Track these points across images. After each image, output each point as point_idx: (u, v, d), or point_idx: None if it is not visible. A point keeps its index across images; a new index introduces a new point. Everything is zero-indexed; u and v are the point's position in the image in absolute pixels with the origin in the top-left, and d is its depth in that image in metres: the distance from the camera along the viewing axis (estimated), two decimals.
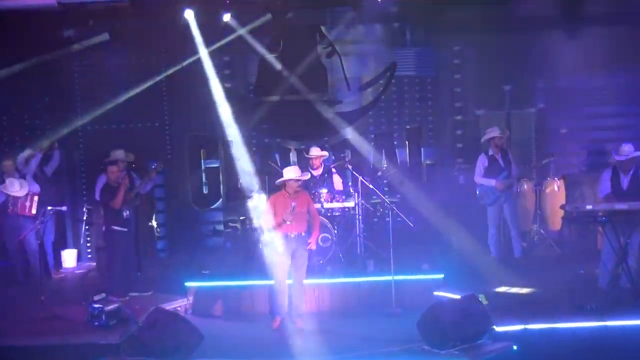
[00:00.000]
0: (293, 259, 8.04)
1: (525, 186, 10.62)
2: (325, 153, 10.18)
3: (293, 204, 7.88)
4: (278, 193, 8.09)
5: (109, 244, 9.13)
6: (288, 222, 7.83)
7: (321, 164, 9.99)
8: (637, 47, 10.52)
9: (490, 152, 9.78)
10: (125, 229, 8.97)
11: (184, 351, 6.92)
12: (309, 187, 9.58)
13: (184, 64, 10.92)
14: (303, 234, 8.08)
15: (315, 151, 9.93)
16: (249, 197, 10.61)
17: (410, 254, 9.62)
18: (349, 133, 11.82)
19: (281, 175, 8.12)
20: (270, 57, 11.47)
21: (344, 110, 11.80)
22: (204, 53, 10.74)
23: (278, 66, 11.27)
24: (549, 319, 7.37)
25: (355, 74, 11.86)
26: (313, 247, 8.24)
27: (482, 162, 9.81)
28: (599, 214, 7.95)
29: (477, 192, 9.83)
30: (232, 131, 11.33)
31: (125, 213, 8.96)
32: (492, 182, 9.66)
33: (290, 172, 7.99)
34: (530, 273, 9.11)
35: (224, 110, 11.02)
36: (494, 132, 9.78)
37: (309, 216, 8.17)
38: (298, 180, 8.01)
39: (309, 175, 8.91)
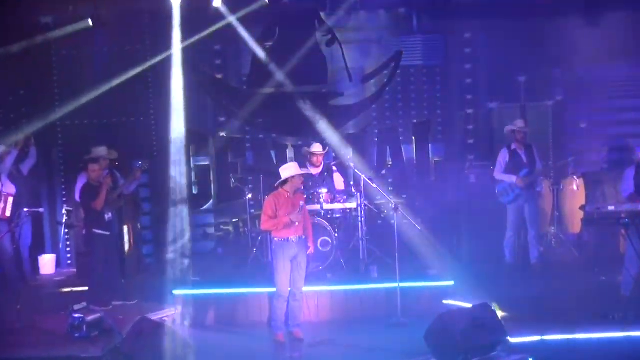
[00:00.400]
0: (293, 265, 8.04)
1: (542, 185, 10.63)
2: (327, 150, 10.18)
3: (301, 203, 7.91)
4: (276, 193, 8.07)
5: (90, 249, 9.13)
6: (297, 223, 7.84)
7: (321, 162, 10.00)
8: None
9: (513, 146, 9.80)
10: (108, 233, 8.97)
11: None
12: (307, 187, 9.58)
13: (171, 52, 10.90)
14: (303, 237, 8.10)
15: (317, 147, 9.92)
16: (243, 198, 10.64)
17: (418, 259, 9.61)
18: (351, 127, 11.82)
19: (276, 174, 8.12)
20: (265, 46, 11.47)
21: (345, 103, 11.80)
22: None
23: (264, 57, 11.19)
24: (568, 330, 7.38)
25: (357, 64, 11.86)
26: (312, 250, 8.26)
27: (503, 156, 9.83)
28: (621, 216, 7.95)
29: (496, 189, 9.84)
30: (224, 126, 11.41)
31: (108, 215, 8.97)
32: (512, 179, 9.68)
33: (292, 169, 7.99)
34: (548, 279, 9.13)
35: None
36: (517, 124, 9.80)
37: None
38: (302, 175, 8.03)
39: (312, 171, 8.89)
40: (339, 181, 9.99)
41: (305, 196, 8.99)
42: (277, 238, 7.99)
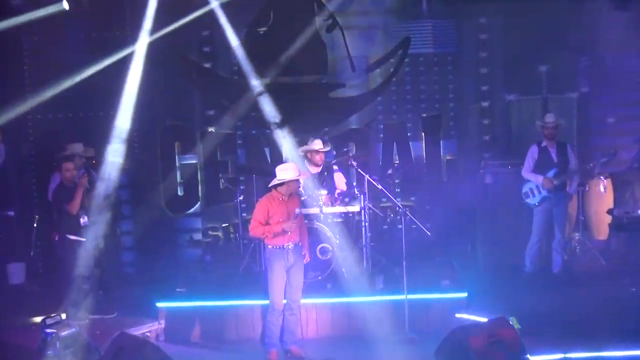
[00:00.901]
0: (289, 275, 8.03)
1: (574, 187, 10.59)
2: (329, 146, 10.18)
3: (297, 210, 7.92)
4: (269, 196, 8.07)
5: (63, 256, 9.10)
6: (289, 233, 7.85)
7: (323, 161, 9.98)
8: None
9: (543, 143, 9.82)
10: (84, 239, 8.96)
11: None
12: (305, 189, 9.56)
13: (154, 37, 10.89)
14: (300, 244, 8.10)
15: (318, 144, 9.90)
16: (233, 200, 10.63)
17: (427, 268, 9.61)
18: (354, 122, 11.81)
19: (271, 173, 8.11)
20: (258, 32, 11.47)
21: (348, 95, 11.79)
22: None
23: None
24: (594, 347, 7.39)
25: (361, 51, 11.85)
26: (308, 258, 8.27)
27: (532, 153, 9.86)
28: None
29: (522, 189, 9.86)
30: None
31: (83, 219, 8.96)
32: (539, 179, 9.69)
33: (290, 171, 7.97)
34: (572, 291, 9.13)
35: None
36: (545, 119, 9.84)
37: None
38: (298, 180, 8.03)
39: (312, 170, 8.88)
40: (339, 181, 9.98)
41: (302, 198, 8.99)
42: (271, 245, 7.99)
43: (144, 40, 10.51)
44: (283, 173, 7.93)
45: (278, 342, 8.06)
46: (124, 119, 10.55)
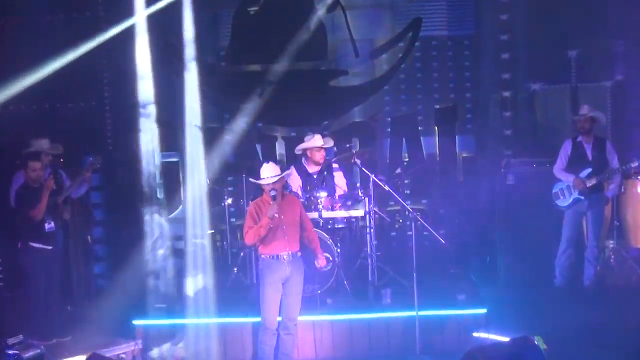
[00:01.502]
0: (285, 289, 8.01)
1: (614, 188, 10.56)
2: (331, 141, 10.17)
3: (273, 192, 7.83)
4: (260, 199, 8.06)
5: (26, 268, 9.08)
6: (276, 215, 7.77)
7: (324, 159, 9.96)
8: None
9: (579, 138, 9.81)
10: (49, 247, 8.94)
11: None
12: (306, 190, 9.58)
13: (130, 23, 10.88)
14: (298, 253, 8.07)
15: (318, 140, 9.86)
16: (220, 203, 10.61)
17: (441, 281, 9.61)
18: (357, 115, 11.79)
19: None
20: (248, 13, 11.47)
21: (351, 84, 11.80)
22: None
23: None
24: None
25: (366, 34, 11.86)
26: (324, 262, 8.25)
27: (565, 149, 9.89)
28: None
29: (553, 189, 9.84)
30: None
31: (49, 225, 8.93)
32: (569, 179, 9.68)
33: (267, 171, 7.97)
34: (605, 306, 9.11)
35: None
36: (581, 111, 9.85)
37: (301, 230, 8.14)
38: (278, 181, 7.95)
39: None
40: (341, 182, 9.95)
41: (301, 200, 8.98)
42: (265, 255, 7.98)
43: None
44: (262, 174, 7.93)
45: None
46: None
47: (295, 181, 9.69)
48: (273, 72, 11.48)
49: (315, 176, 9.87)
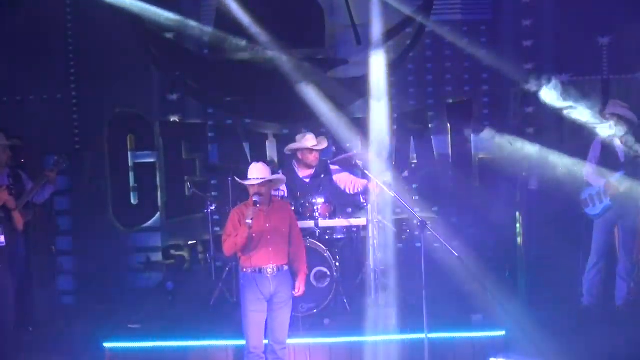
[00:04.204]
0: (270, 308, 8.02)
1: None
2: (325, 142, 10.17)
3: (255, 198, 7.83)
4: (245, 203, 8.06)
5: None
6: (249, 221, 7.75)
7: (317, 161, 9.97)
8: None
9: (609, 138, 9.83)
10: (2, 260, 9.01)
11: None
12: (295, 197, 9.56)
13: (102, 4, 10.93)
14: (285, 267, 8.06)
15: (310, 140, 9.87)
16: (203, 210, 10.62)
17: (454, 299, 9.60)
18: (359, 110, 11.81)
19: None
20: None
21: (351, 75, 11.81)
22: None
23: None
24: None
25: (369, 19, 11.87)
26: (301, 291, 8.23)
27: (594, 150, 9.92)
28: None
29: (582, 196, 9.89)
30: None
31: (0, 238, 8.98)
32: (600, 183, 9.70)
33: (253, 171, 7.98)
34: (639, 329, 9.12)
35: None
36: (608, 109, 9.86)
37: (289, 242, 8.15)
38: (262, 185, 7.96)
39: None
40: (348, 180, 9.92)
41: (292, 207, 8.97)
42: (246, 268, 7.97)
43: None
44: (249, 173, 7.96)
45: None
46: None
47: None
48: (263, 61, 11.50)
49: (307, 180, 9.86)
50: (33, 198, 9.50)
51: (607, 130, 9.76)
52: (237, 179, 8.29)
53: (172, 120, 11.75)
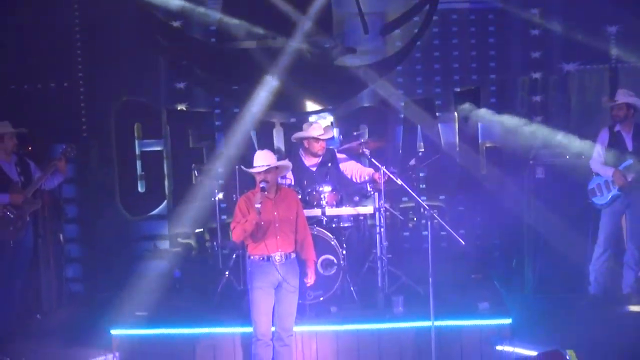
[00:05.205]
0: (278, 296, 8.05)
1: None
2: (332, 132, 10.16)
3: (262, 184, 7.84)
4: (252, 191, 8.07)
5: None
6: (258, 206, 7.76)
7: (324, 150, 9.97)
8: None
9: (617, 127, 9.82)
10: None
11: None
12: (302, 185, 9.57)
13: None
14: (292, 255, 8.09)
15: (316, 130, 9.88)
16: (210, 198, 10.64)
17: (461, 287, 9.61)
18: (366, 99, 11.81)
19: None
20: None
21: (359, 63, 11.80)
22: None
23: None
24: None
25: (376, 7, 11.89)
26: (312, 280, 8.28)
27: (601, 139, 9.90)
28: None
29: (589, 185, 9.89)
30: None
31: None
32: (608, 173, 9.70)
33: (259, 159, 8.01)
34: None
35: None
36: (617, 96, 9.85)
37: (296, 230, 8.18)
38: (268, 172, 7.97)
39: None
40: (355, 169, 9.93)
41: (299, 195, 8.99)
42: (254, 256, 8.01)
43: None
44: (255, 162, 7.98)
45: None
46: None
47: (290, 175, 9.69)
48: (270, 50, 11.50)
49: (314, 169, 9.88)
50: (42, 186, 9.55)
51: None
52: (243, 167, 8.33)
53: (179, 108, 11.75)
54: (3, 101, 11.10)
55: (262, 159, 7.96)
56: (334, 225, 9.55)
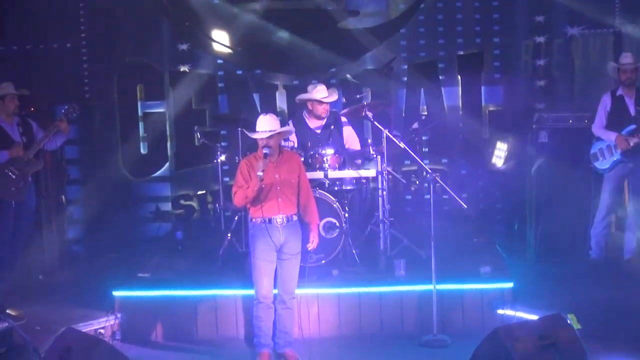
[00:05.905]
0: (280, 258, 8.07)
1: None
2: (336, 94, 10.14)
3: (265, 150, 7.82)
4: (255, 155, 8.05)
5: None
6: (260, 173, 7.75)
7: (328, 113, 9.94)
8: None
9: (619, 92, 9.80)
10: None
11: None
12: (305, 147, 9.55)
13: None
14: (294, 218, 8.09)
15: (321, 91, 9.83)
16: (213, 161, 10.64)
17: (462, 251, 9.63)
18: (369, 62, 11.76)
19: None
20: None
21: (362, 26, 11.75)
22: None
23: None
24: None
25: None
26: (315, 243, 8.27)
27: (604, 104, 9.86)
28: None
29: (591, 150, 9.88)
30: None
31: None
32: (611, 137, 9.68)
33: (262, 124, 7.96)
34: None
35: None
36: (622, 60, 9.80)
37: (298, 193, 8.16)
38: (271, 137, 7.93)
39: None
40: (351, 138, 9.95)
41: (302, 158, 8.96)
42: (256, 218, 7.98)
43: None
44: (257, 126, 7.92)
45: (270, 342, 8.09)
46: None
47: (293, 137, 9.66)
48: (273, 11, 11.44)
49: (318, 131, 9.86)
50: (44, 146, 9.54)
51: None
52: (245, 131, 8.30)
53: (182, 70, 11.72)
54: (6, 61, 11.11)
55: (266, 124, 7.91)
56: (336, 188, 9.53)
